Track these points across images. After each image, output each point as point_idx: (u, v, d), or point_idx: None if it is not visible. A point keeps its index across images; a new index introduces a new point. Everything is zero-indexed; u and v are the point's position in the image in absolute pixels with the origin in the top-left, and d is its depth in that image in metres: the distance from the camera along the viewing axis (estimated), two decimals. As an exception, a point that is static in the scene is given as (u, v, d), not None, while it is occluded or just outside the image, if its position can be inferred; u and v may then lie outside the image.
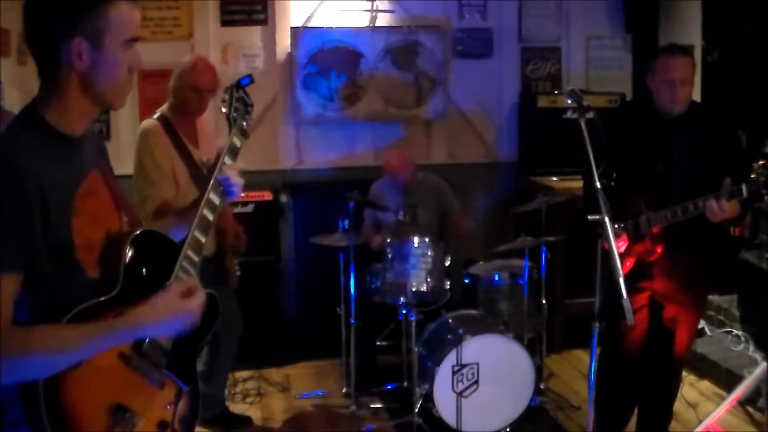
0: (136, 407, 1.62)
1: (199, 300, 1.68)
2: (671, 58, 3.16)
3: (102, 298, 1.59)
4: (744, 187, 2.83)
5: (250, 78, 2.12)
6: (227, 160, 1.92)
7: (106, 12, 1.57)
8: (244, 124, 2.05)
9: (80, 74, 1.58)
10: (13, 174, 1.46)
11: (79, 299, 1.54)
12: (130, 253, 1.66)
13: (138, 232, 1.71)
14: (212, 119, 3.76)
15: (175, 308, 1.63)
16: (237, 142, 1.99)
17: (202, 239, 1.82)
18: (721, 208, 2.89)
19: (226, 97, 2.06)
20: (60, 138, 1.59)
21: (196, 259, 1.79)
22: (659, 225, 3.13)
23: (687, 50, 3.27)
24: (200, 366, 3.88)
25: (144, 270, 1.71)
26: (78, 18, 1.55)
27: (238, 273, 3.79)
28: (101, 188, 1.69)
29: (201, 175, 3.52)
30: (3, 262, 1.44)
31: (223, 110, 2.04)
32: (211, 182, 1.87)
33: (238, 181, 1.91)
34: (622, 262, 3.14)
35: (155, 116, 3.59)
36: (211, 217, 1.85)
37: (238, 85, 2.09)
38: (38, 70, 1.61)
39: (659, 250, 3.20)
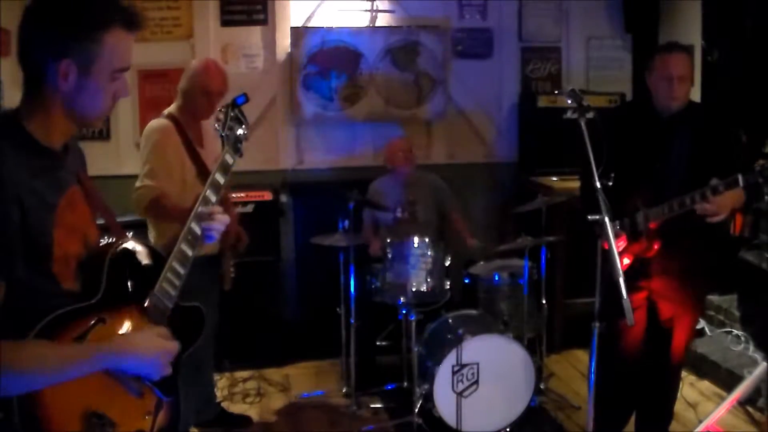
0: (113, 415, 1.60)
1: (173, 347, 1.70)
2: (668, 55, 3.17)
3: (81, 305, 1.58)
4: (740, 177, 2.81)
5: (245, 97, 2.15)
6: (212, 190, 1.93)
7: (102, 40, 1.55)
8: (238, 143, 2.07)
9: (63, 95, 1.56)
10: None
11: (53, 308, 1.52)
12: (113, 263, 1.67)
13: (122, 242, 1.72)
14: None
15: (156, 345, 1.65)
16: (229, 159, 2.02)
17: (189, 252, 1.83)
18: (714, 203, 2.88)
19: (221, 115, 2.08)
20: (40, 149, 1.58)
21: (181, 271, 1.80)
22: (656, 220, 3.13)
23: (685, 47, 3.28)
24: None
25: (127, 279, 1.71)
26: (72, 40, 1.54)
27: (232, 275, 3.78)
28: (80, 202, 1.69)
29: (207, 173, 3.53)
30: None
31: (217, 128, 2.07)
32: (192, 213, 1.88)
33: (217, 225, 1.91)
34: (620, 260, 3.15)
35: (164, 115, 3.56)
36: (198, 231, 1.87)
37: (234, 104, 2.12)
38: (23, 80, 1.60)
39: (656, 246, 3.20)
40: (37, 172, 1.54)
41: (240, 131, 2.09)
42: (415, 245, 4.00)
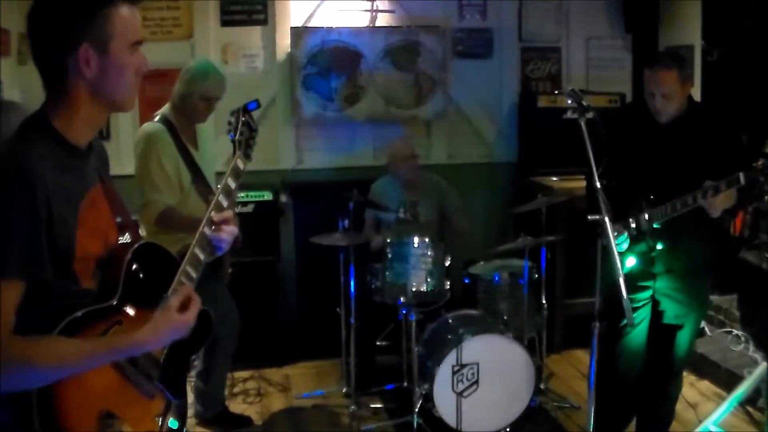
0: (125, 416, 1.62)
1: (195, 309, 1.70)
2: (654, 72, 3.12)
3: (99, 306, 1.59)
4: (741, 176, 2.83)
5: (257, 103, 2.14)
6: (224, 195, 1.92)
7: (110, 17, 1.57)
8: (249, 148, 2.08)
9: (89, 82, 1.57)
10: (22, 180, 1.46)
11: (72, 307, 1.53)
12: (130, 264, 1.67)
13: (139, 243, 1.72)
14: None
15: (174, 323, 1.66)
16: (240, 164, 2.01)
17: (202, 256, 1.83)
18: (714, 201, 2.91)
19: (232, 120, 2.08)
20: (68, 148, 1.59)
21: (194, 275, 1.80)
22: (659, 220, 3.13)
23: (672, 62, 3.16)
24: (199, 365, 3.88)
25: (143, 281, 1.71)
26: (82, 26, 1.55)
27: (230, 270, 3.77)
28: (102, 202, 1.70)
29: (202, 177, 3.53)
30: (7, 268, 1.43)
31: (229, 133, 2.07)
32: (206, 218, 1.87)
33: (225, 237, 1.89)
34: (622, 260, 3.15)
35: (157, 118, 3.55)
36: (209, 235, 1.87)
37: (245, 110, 2.11)
38: (44, 81, 1.61)
39: (659, 246, 3.20)
40: (65, 172, 1.56)
41: (250, 136, 2.10)
42: (416, 245, 3.99)
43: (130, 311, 1.66)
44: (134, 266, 1.69)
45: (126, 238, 1.80)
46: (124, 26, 1.59)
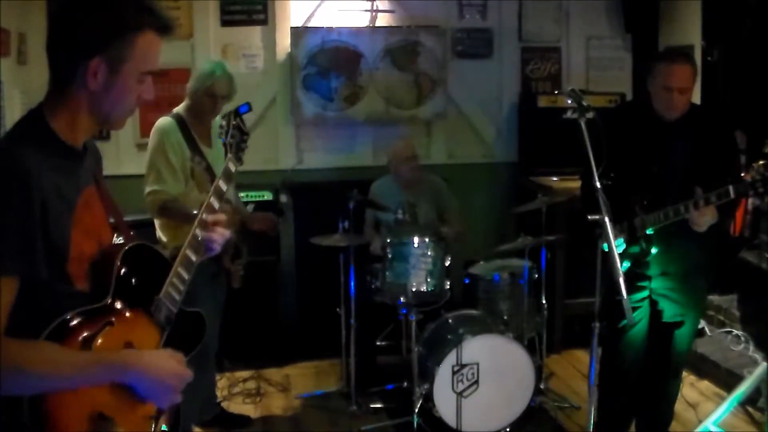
0: (117, 417, 1.60)
1: (186, 377, 1.69)
2: (674, 65, 3.09)
3: (91, 307, 1.58)
4: (731, 188, 2.83)
5: (248, 106, 2.21)
6: (215, 197, 1.93)
7: (133, 42, 1.58)
8: (240, 151, 2.12)
9: (90, 93, 1.58)
10: (17, 178, 1.45)
11: (65, 309, 1.52)
12: (122, 265, 1.67)
13: (131, 245, 1.72)
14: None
15: (171, 367, 1.65)
16: (231, 167, 2.06)
17: (194, 258, 1.84)
18: (700, 213, 2.90)
19: (224, 123, 2.13)
20: (63, 148, 1.59)
21: (186, 276, 1.81)
22: (653, 226, 3.13)
23: (689, 57, 3.21)
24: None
25: (134, 283, 1.71)
26: (105, 40, 1.55)
27: (241, 273, 3.78)
28: (96, 202, 1.70)
29: (210, 172, 3.57)
30: (1, 265, 1.43)
31: (220, 136, 2.11)
32: (197, 220, 1.89)
33: (217, 238, 1.90)
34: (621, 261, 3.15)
35: (171, 114, 3.65)
36: (201, 236, 1.89)
37: (236, 113, 2.16)
38: (50, 78, 1.61)
39: (653, 251, 3.20)
40: (60, 171, 1.55)
41: (241, 139, 2.13)
42: (415, 245, 3.99)
43: (122, 312, 1.66)
44: (126, 267, 1.68)
45: (119, 240, 1.79)
46: (143, 54, 1.60)
